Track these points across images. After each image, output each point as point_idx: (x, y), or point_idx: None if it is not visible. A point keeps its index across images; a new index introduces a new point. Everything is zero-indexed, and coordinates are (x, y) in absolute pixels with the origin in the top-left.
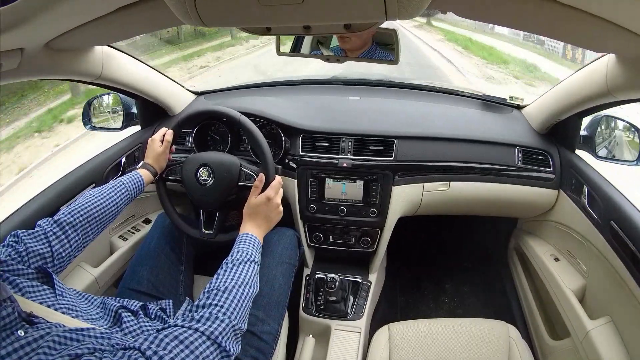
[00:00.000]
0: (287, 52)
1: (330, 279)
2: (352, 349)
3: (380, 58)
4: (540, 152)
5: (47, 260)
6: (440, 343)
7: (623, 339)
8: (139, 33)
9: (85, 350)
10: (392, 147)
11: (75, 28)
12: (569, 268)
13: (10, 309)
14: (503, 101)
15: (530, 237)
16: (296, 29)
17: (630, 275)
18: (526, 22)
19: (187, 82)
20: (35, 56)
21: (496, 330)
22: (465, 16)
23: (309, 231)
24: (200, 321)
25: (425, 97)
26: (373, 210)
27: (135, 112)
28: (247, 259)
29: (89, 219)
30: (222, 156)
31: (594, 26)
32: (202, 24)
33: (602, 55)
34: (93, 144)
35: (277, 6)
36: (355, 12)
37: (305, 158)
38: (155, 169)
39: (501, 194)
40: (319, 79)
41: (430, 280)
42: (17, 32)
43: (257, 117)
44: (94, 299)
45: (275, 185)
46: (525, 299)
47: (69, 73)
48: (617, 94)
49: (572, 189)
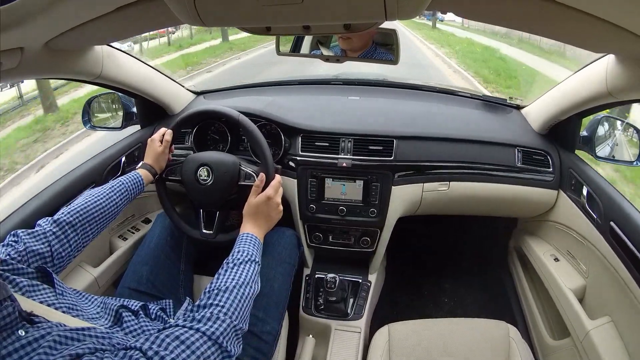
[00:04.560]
0: (287, 52)
1: (330, 279)
2: (352, 349)
3: (380, 58)
4: (540, 153)
5: (47, 260)
6: (440, 343)
7: (623, 339)
8: (139, 33)
9: (86, 350)
10: (391, 147)
11: (75, 28)
12: (569, 268)
13: (10, 308)
14: (503, 101)
15: (530, 237)
16: (296, 29)
17: (630, 275)
18: (526, 23)
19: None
20: (35, 55)
21: (496, 330)
22: (465, 16)
23: (308, 231)
24: (201, 321)
25: (425, 97)
26: (373, 210)
27: (135, 112)
28: (248, 259)
29: (89, 218)
30: (221, 156)
31: (594, 27)
32: (201, 23)
33: (602, 56)
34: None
35: (276, 6)
36: (355, 12)
37: (304, 158)
38: (154, 169)
39: (501, 194)
40: (318, 79)
41: (430, 280)
42: (17, 32)
43: (257, 117)
44: (94, 298)
45: (275, 185)
46: (525, 299)
47: (69, 72)
48: (617, 95)
49: (571, 189)
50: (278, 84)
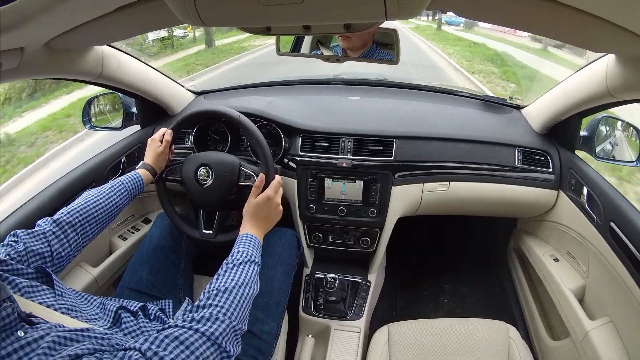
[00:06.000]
0: (287, 52)
1: (330, 279)
2: (352, 349)
3: (380, 58)
4: (540, 153)
5: (47, 260)
6: (439, 343)
7: (622, 339)
8: (139, 33)
9: (86, 351)
10: (391, 147)
11: (75, 28)
12: (569, 268)
13: (10, 309)
14: (503, 101)
15: (529, 238)
16: (296, 29)
17: (630, 275)
18: (526, 22)
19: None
20: (35, 56)
21: (496, 330)
22: (465, 16)
23: (308, 231)
24: (200, 322)
25: (425, 97)
26: (373, 211)
27: (135, 112)
28: (248, 260)
29: (88, 218)
30: (221, 156)
31: (594, 26)
32: (202, 23)
33: (602, 56)
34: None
35: (277, 6)
36: (355, 12)
37: (304, 158)
38: (154, 169)
39: (501, 194)
40: (318, 79)
41: (429, 280)
42: (17, 32)
43: (257, 117)
44: (93, 299)
45: (275, 185)
46: (524, 299)
47: (69, 73)
48: (617, 94)
49: (571, 190)
50: (278, 84)
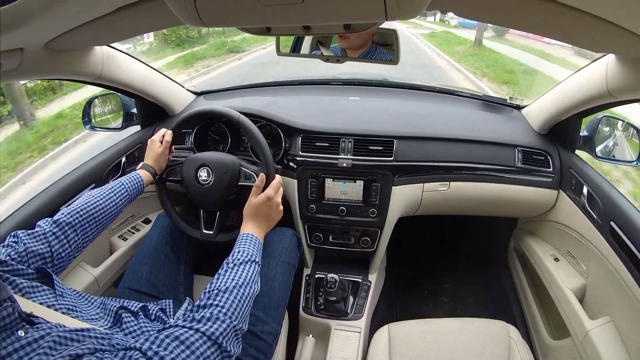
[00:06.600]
0: (287, 52)
1: (330, 279)
2: (352, 348)
3: (380, 58)
4: (540, 153)
5: (47, 260)
6: (440, 343)
7: (623, 339)
8: (139, 33)
9: (86, 351)
10: (391, 147)
11: (75, 28)
12: (569, 268)
13: (10, 309)
14: (503, 101)
15: (530, 237)
16: (296, 29)
17: (630, 275)
18: (526, 22)
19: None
20: (35, 56)
21: (496, 330)
22: (466, 16)
23: (308, 231)
24: (201, 321)
25: (425, 97)
26: (373, 211)
27: (135, 112)
28: (248, 259)
29: (89, 219)
30: (221, 156)
31: (594, 26)
32: (202, 24)
33: (602, 56)
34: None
35: (277, 6)
36: (355, 12)
37: (305, 158)
38: (154, 170)
39: (501, 194)
40: (318, 79)
41: (430, 280)
42: (17, 32)
43: (257, 117)
44: (93, 299)
45: (275, 185)
46: (525, 299)
47: (69, 73)
48: (617, 94)
49: (572, 189)
50: (278, 84)
